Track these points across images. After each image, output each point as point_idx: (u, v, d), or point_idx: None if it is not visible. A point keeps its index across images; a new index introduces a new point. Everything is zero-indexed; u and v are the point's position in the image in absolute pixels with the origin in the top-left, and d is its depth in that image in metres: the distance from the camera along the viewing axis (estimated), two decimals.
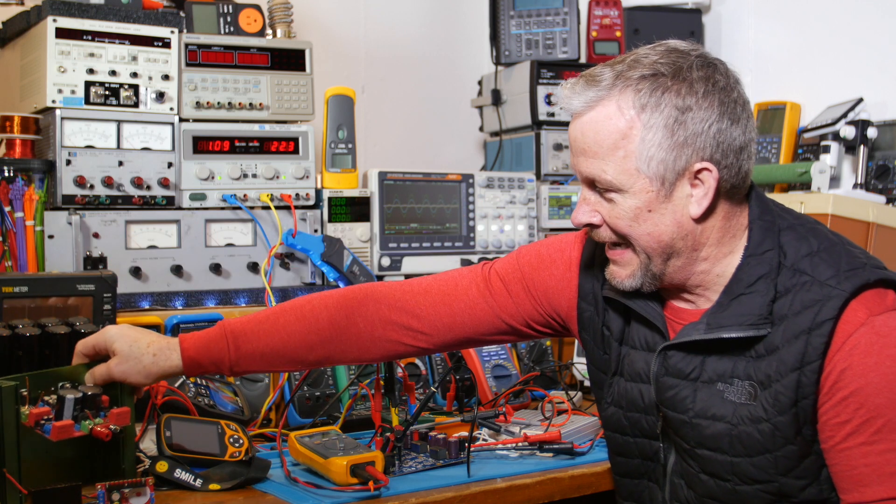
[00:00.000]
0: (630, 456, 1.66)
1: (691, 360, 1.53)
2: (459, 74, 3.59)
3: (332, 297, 1.74)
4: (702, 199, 1.48)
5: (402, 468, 1.86)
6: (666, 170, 1.46)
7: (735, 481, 1.50)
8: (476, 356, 2.46)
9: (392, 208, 2.74)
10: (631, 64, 1.48)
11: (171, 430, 1.79)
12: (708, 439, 1.51)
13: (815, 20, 3.15)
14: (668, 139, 1.45)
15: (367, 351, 1.73)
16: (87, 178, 2.30)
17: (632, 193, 1.47)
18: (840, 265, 1.46)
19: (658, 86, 1.45)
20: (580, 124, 1.51)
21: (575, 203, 3.08)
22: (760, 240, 1.51)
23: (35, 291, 1.95)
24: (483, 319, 1.74)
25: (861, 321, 1.41)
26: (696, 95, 1.45)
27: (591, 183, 1.52)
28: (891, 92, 2.92)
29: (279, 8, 2.64)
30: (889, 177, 2.84)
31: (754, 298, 1.48)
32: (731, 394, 1.49)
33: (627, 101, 1.46)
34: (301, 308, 1.72)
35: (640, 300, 1.60)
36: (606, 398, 1.68)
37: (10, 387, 1.54)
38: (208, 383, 2.09)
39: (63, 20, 2.31)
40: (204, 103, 2.47)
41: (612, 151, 1.47)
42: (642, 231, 1.49)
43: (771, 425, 1.45)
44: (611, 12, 3.24)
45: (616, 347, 1.66)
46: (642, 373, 1.60)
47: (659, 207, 1.48)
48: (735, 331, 1.48)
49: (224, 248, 2.47)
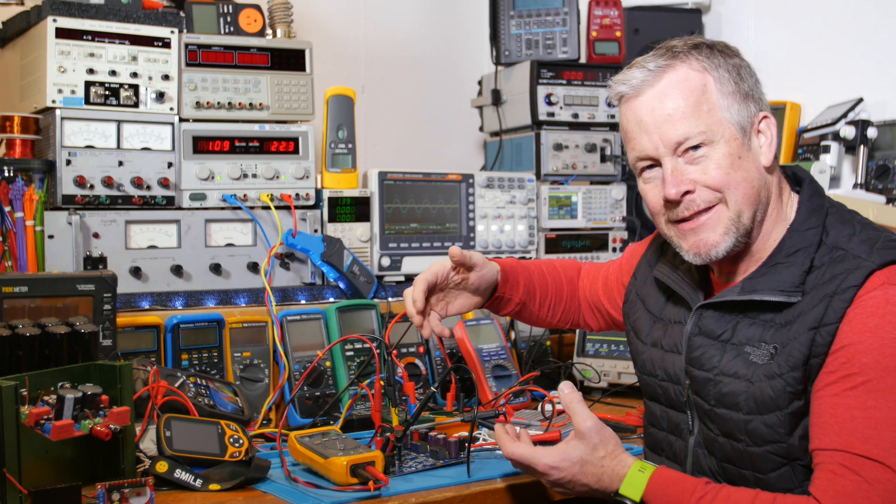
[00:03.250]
0: (659, 426, 1.76)
1: (725, 323, 1.62)
2: (459, 74, 3.59)
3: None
4: (768, 147, 1.62)
5: (402, 468, 1.86)
6: (742, 118, 1.59)
7: (747, 441, 1.56)
8: (476, 356, 2.46)
9: (392, 208, 2.74)
10: (669, 45, 1.63)
11: (171, 430, 1.79)
12: (726, 396, 1.58)
13: (815, 20, 3.15)
14: (737, 90, 1.59)
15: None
16: (87, 178, 2.31)
17: (724, 141, 1.57)
18: (877, 243, 1.52)
19: (710, 52, 1.61)
20: (655, 95, 1.60)
21: (575, 203, 3.08)
22: (806, 217, 1.60)
23: (35, 291, 1.95)
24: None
25: (876, 286, 1.47)
26: (739, 57, 1.63)
27: (674, 150, 1.59)
28: (891, 92, 2.92)
29: (279, 8, 2.64)
30: (889, 177, 2.84)
31: (790, 268, 1.56)
32: (755, 356, 1.56)
33: (694, 63, 1.59)
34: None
35: (685, 282, 1.73)
36: (638, 365, 1.83)
37: (10, 387, 1.54)
38: (208, 383, 2.09)
39: (63, 20, 2.31)
40: (204, 103, 2.47)
41: (697, 107, 1.57)
42: (739, 178, 1.58)
43: (783, 381, 1.51)
44: (611, 12, 3.24)
45: (649, 319, 1.80)
46: (678, 344, 1.70)
47: (746, 154, 1.59)
48: (767, 294, 1.56)
49: (224, 248, 2.47)
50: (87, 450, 1.71)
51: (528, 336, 2.68)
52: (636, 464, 1.59)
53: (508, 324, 2.67)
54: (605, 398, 2.57)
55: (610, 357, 2.68)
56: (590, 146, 3.13)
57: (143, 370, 1.96)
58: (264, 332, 2.34)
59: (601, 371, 2.65)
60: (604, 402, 2.54)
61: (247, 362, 2.30)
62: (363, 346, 2.36)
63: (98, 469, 1.72)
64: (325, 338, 2.37)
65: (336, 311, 2.38)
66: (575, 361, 2.68)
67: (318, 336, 2.37)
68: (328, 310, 2.40)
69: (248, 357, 2.30)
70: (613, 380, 2.64)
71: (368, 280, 2.59)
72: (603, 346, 2.70)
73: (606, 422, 2.21)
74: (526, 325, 2.66)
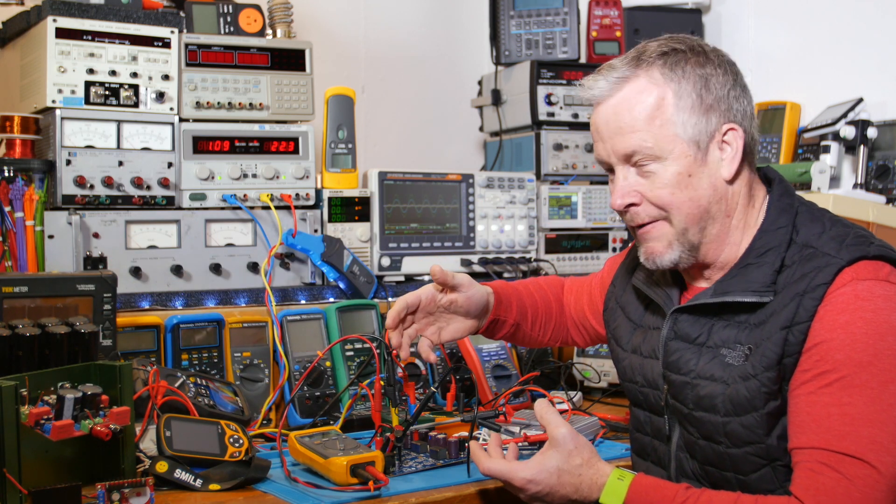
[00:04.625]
0: (644, 431, 1.76)
1: (700, 326, 1.62)
2: (459, 74, 3.59)
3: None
4: (732, 159, 1.58)
5: (402, 468, 1.86)
6: (699, 133, 1.56)
7: (726, 444, 1.56)
8: (476, 356, 2.46)
9: (392, 208, 2.74)
10: (642, 49, 1.60)
11: (171, 430, 1.79)
12: (703, 399, 1.58)
13: (816, 20, 3.15)
14: (698, 104, 1.56)
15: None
16: (87, 178, 2.31)
17: (672, 159, 1.56)
18: (846, 240, 1.52)
19: (679, 59, 1.57)
20: (610, 106, 1.59)
21: (575, 203, 3.08)
22: (776, 217, 1.60)
23: (35, 291, 1.95)
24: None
25: (846, 282, 1.47)
26: (713, 64, 1.58)
27: (626, 161, 1.59)
28: (891, 92, 2.92)
29: (279, 8, 2.64)
30: (889, 177, 2.84)
31: (761, 268, 1.56)
32: (731, 358, 1.56)
33: (655, 74, 1.57)
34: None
35: (659, 288, 1.72)
36: (619, 371, 1.84)
37: (10, 387, 1.54)
38: (208, 383, 2.09)
39: (63, 20, 2.31)
40: (204, 103, 2.47)
41: (649, 122, 1.56)
42: (684, 197, 1.57)
43: (758, 381, 1.51)
44: (611, 12, 3.24)
45: (629, 326, 1.80)
46: (656, 349, 1.69)
47: (697, 171, 1.57)
48: (739, 296, 1.56)
49: (224, 248, 2.47)
50: (87, 450, 1.71)
51: None
52: (615, 472, 1.57)
53: None
54: (605, 398, 2.57)
55: (610, 357, 2.67)
56: (590, 146, 3.13)
57: (143, 370, 1.96)
58: (264, 332, 2.34)
59: (601, 371, 2.65)
60: (604, 402, 2.54)
61: (247, 362, 2.30)
62: (363, 346, 2.36)
63: (98, 469, 1.72)
64: (325, 338, 2.37)
65: (336, 311, 2.39)
66: (575, 361, 2.68)
67: (318, 336, 2.37)
68: (328, 310, 2.40)
69: (248, 357, 2.30)
70: (613, 380, 2.64)
71: (368, 280, 2.59)
72: (603, 346, 2.70)
73: (606, 422, 2.23)
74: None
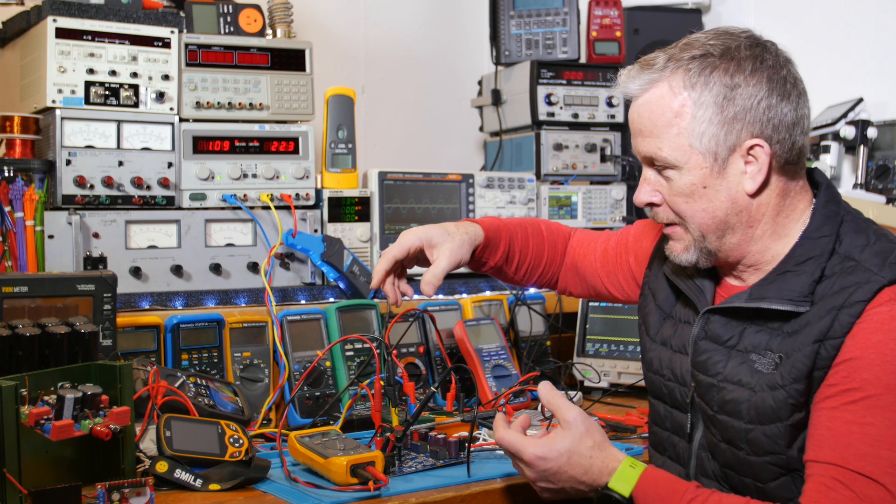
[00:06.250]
0: (663, 426, 1.75)
1: (732, 329, 1.60)
2: (459, 74, 3.59)
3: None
4: (756, 174, 1.54)
5: (402, 468, 1.85)
6: (717, 145, 1.53)
7: (747, 450, 1.54)
8: (476, 356, 2.46)
9: (392, 208, 2.74)
10: (683, 47, 1.57)
11: (171, 430, 1.79)
12: (728, 403, 1.56)
13: (816, 20, 3.15)
14: (718, 115, 1.52)
15: None
16: (87, 178, 2.30)
17: (687, 170, 1.55)
18: (889, 257, 1.49)
19: (707, 65, 1.53)
20: (637, 106, 1.60)
21: (575, 203, 3.08)
22: (819, 225, 1.56)
23: (35, 291, 1.95)
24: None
25: (883, 302, 1.45)
26: (744, 73, 1.52)
27: (650, 162, 1.60)
28: (891, 92, 2.92)
29: (279, 8, 2.64)
30: (889, 177, 2.84)
31: (800, 277, 1.53)
32: (760, 364, 1.54)
33: (678, 81, 1.54)
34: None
35: (691, 280, 1.70)
36: (646, 361, 1.81)
37: (10, 387, 1.54)
38: (208, 383, 2.09)
39: (63, 20, 2.31)
40: (204, 103, 2.47)
41: (666, 129, 1.55)
42: (697, 208, 1.56)
43: (785, 392, 1.49)
44: (611, 12, 3.24)
45: (659, 315, 1.77)
46: (686, 345, 1.68)
47: (713, 183, 1.55)
48: (775, 303, 1.53)
49: (224, 248, 2.47)
50: (87, 450, 1.71)
51: (528, 336, 2.68)
52: (627, 459, 1.57)
53: (508, 324, 2.67)
54: (606, 398, 2.57)
55: (610, 357, 2.68)
56: (590, 146, 3.13)
57: (143, 370, 1.96)
58: (264, 332, 2.33)
59: (601, 371, 2.65)
60: (604, 402, 2.54)
61: (247, 362, 2.29)
62: (363, 346, 2.36)
63: (98, 469, 1.72)
64: (325, 338, 2.37)
65: (336, 311, 2.38)
66: (575, 361, 2.68)
67: (318, 336, 2.37)
68: (328, 310, 2.40)
69: (248, 357, 2.30)
70: (613, 380, 2.64)
71: (368, 280, 2.59)
72: (603, 346, 2.71)
73: (607, 422, 2.23)
74: (525, 322, 2.67)
